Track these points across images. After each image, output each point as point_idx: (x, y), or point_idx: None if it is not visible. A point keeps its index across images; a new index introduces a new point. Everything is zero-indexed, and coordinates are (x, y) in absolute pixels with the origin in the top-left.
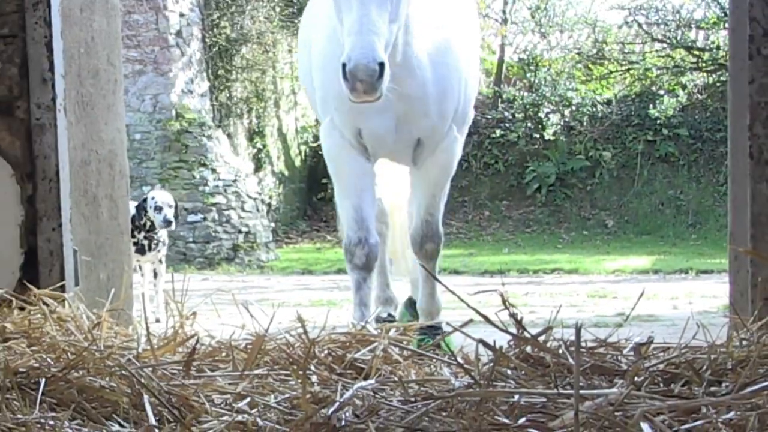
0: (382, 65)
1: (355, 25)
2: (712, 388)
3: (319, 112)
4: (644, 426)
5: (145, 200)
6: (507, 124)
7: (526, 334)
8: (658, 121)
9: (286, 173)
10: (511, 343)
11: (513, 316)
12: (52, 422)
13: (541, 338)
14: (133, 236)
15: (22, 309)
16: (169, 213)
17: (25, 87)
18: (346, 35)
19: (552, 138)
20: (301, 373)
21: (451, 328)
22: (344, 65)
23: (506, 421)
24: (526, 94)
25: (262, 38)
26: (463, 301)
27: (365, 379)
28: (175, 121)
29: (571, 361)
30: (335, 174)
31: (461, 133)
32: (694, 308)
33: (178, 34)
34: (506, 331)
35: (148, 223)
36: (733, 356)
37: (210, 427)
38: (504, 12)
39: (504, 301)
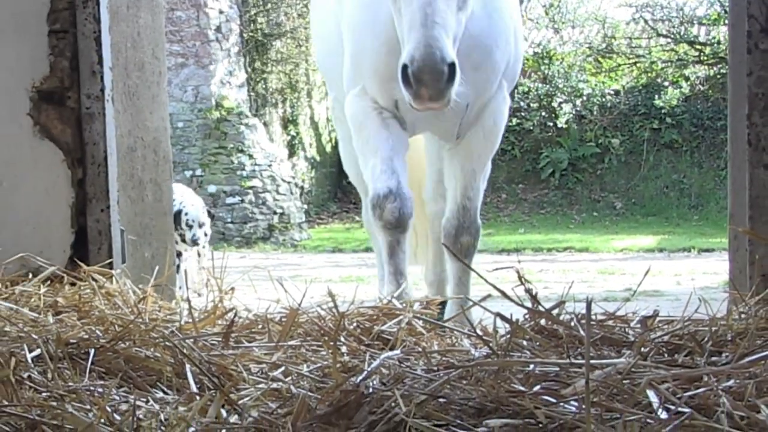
0: (452, 66)
1: (418, 16)
2: (713, 358)
3: (346, 84)
4: (650, 393)
5: (179, 212)
6: (523, 113)
7: (541, 308)
8: (663, 111)
9: (318, 158)
10: (527, 316)
11: (528, 291)
12: (100, 389)
13: (555, 312)
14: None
15: (73, 284)
16: (198, 233)
17: (76, 79)
18: (406, 29)
19: (564, 126)
20: (332, 344)
21: (471, 302)
22: (405, 67)
23: (522, 388)
24: (540, 85)
25: (296, 33)
26: (482, 277)
27: (391, 349)
28: (214, 110)
29: (582, 333)
30: (362, 137)
31: (508, 94)
32: (696, 284)
33: (218, 29)
34: (522, 305)
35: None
36: (732, 329)
37: (247, 394)
38: (520, 9)
39: (520, 278)
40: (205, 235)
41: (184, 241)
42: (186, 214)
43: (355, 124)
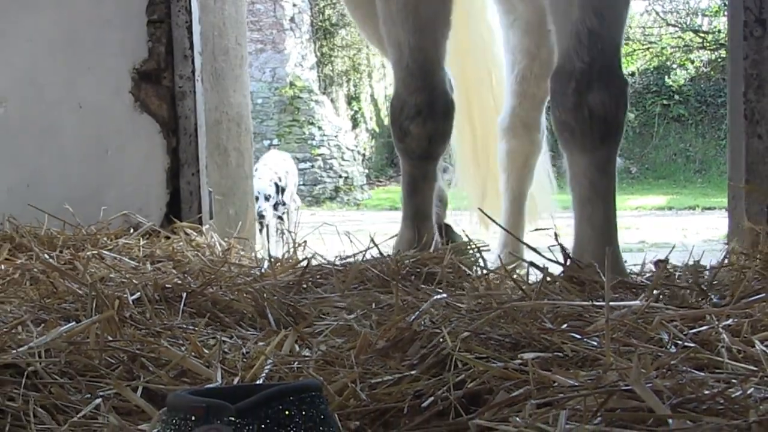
0: None
1: None
2: (714, 300)
3: None
4: (661, 331)
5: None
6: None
7: (569, 260)
8: (672, 89)
9: (377, 130)
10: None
11: (560, 245)
12: (191, 327)
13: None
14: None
15: (167, 238)
16: (264, 205)
17: (170, 62)
18: None
19: None
20: (394, 283)
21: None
22: None
23: (551, 326)
24: None
25: None
26: (515, 237)
27: (439, 293)
28: (289, 88)
29: (603, 278)
30: None
31: None
32: (700, 237)
33: (291, 19)
34: (555, 261)
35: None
36: (731, 275)
37: (318, 331)
38: None
39: (556, 236)
40: (278, 206)
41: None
42: (257, 191)
43: None
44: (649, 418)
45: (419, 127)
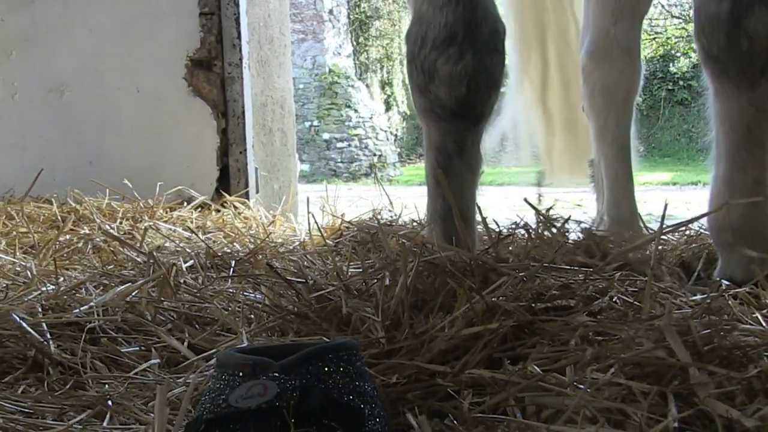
0: None
1: None
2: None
3: None
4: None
5: None
6: None
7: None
8: (676, 75)
9: (408, 113)
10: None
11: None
12: (240, 291)
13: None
14: None
15: (217, 211)
16: None
17: (220, 50)
18: None
19: None
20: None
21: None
22: None
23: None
24: None
25: (391, 15)
26: (531, 205)
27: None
28: (328, 75)
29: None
30: None
31: None
32: (701, 210)
33: (330, 12)
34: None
35: None
36: None
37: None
38: None
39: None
40: None
41: None
42: None
43: None
44: (670, 370)
45: (451, 63)
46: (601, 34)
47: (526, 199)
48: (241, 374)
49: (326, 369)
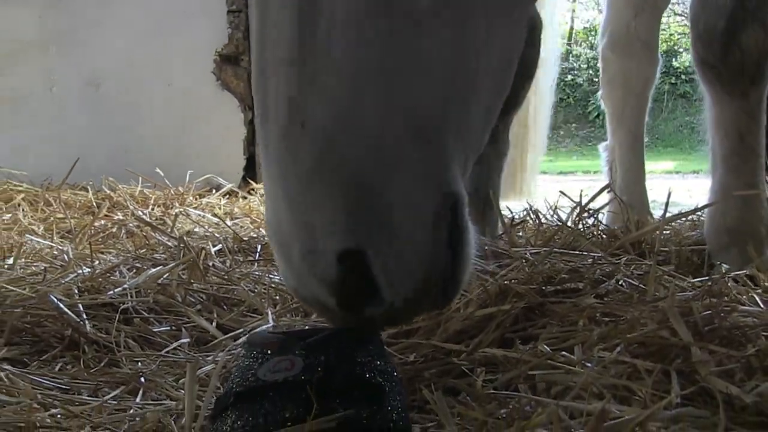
0: None
1: None
2: None
3: None
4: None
5: None
6: (575, 72)
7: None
8: (679, 70)
9: None
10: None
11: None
12: (266, 274)
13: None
14: None
15: (244, 197)
16: None
17: (247, 46)
18: None
19: None
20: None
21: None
22: None
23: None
24: (588, 51)
25: None
26: (567, 197)
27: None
28: None
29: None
30: None
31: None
32: (704, 197)
33: None
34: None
35: None
36: None
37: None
38: None
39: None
40: None
41: None
42: None
43: None
44: (673, 349)
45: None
46: (622, 26)
47: (562, 192)
48: (269, 352)
49: (349, 348)
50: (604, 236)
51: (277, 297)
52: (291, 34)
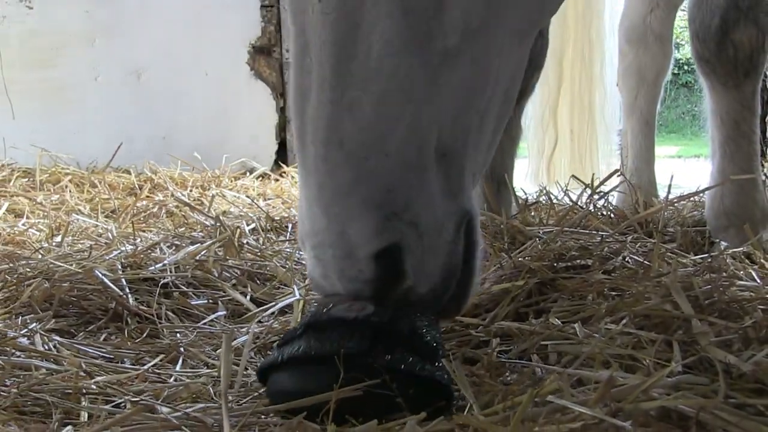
0: None
1: None
2: None
3: None
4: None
5: None
6: None
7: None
8: (681, 61)
9: None
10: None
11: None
12: (296, 251)
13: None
14: None
15: (276, 180)
16: None
17: (279, 38)
18: None
19: None
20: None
21: None
22: None
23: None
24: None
25: None
26: (580, 181)
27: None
28: None
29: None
30: None
31: None
32: (704, 180)
33: None
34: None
35: None
36: None
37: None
38: None
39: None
40: None
41: None
42: None
43: None
44: (675, 321)
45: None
46: (638, 20)
47: (573, 176)
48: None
49: (413, 313)
50: (612, 216)
51: (307, 273)
52: (330, 67)
